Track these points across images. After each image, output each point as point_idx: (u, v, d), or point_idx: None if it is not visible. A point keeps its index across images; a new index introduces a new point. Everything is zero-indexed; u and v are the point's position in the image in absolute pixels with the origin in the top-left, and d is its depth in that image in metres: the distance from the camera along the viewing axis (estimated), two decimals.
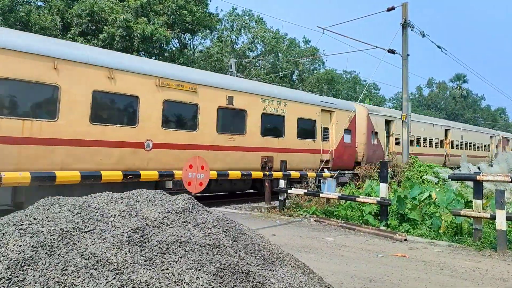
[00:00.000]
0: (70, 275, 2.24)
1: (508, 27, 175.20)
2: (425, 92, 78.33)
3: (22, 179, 5.66)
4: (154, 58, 25.65)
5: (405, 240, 7.29)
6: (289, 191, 10.25)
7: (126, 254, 2.46)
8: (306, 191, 10.36)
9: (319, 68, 46.90)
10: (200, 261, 2.62)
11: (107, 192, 3.24)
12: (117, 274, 2.30)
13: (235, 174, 9.18)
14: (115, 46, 22.75)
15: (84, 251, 2.41)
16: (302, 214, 9.66)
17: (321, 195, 9.78)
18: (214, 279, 2.52)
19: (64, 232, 2.54)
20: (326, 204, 10.15)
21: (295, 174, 10.77)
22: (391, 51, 16.80)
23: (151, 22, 25.11)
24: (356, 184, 13.29)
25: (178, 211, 3.14)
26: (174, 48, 30.97)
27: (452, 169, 16.77)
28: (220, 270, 2.60)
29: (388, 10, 16.57)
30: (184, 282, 2.42)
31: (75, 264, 2.30)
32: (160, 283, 2.34)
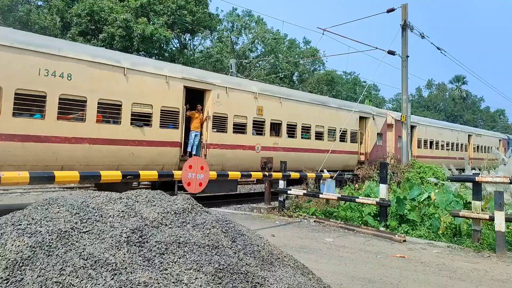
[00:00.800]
0: (68, 275, 2.23)
1: (507, 29, 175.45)
2: (424, 93, 78.38)
3: (21, 179, 5.64)
4: (154, 58, 25.63)
5: (404, 241, 7.28)
6: (288, 192, 10.24)
7: (124, 254, 2.46)
8: (305, 191, 10.35)
9: (319, 69, 46.94)
10: (199, 261, 2.61)
11: (105, 192, 3.23)
12: (115, 274, 2.29)
13: (235, 174, 9.16)
14: (114, 46, 22.73)
15: (83, 252, 2.40)
16: (301, 215, 9.66)
17: (320, 195, 9.77)
18: (213, 280, 2.51)
19: (62, 232, 2.53)
20: (326, 204, 10.14)
21: (294, 175, 10.77)
22: (391, 52, 16.81)
23: (151, 22, 25.10)
24: (355, 185, 13.29)
25: (177, 212, 3.13)
26: (174, 48, 30.98)
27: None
28: (219, 270, 2.60)
29: (388, 11, 16.58)
30: (182, 283, 2.41)
31: (73, 264, 2.29)
32: (158, 283, 2.33)
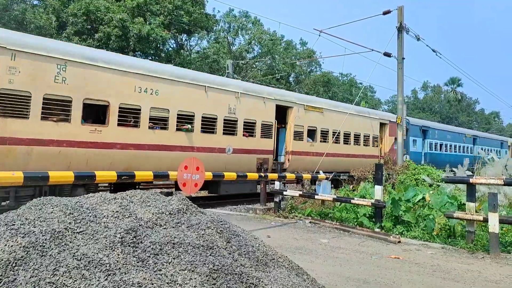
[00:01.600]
0: (62, 275, 2.22)
1: (503, 32, 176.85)
2: (420, 95, 78.76)
3: (15, 179, 5.61)
4: (150, 58, 25.56)
5: (399, 242, 7.31)
6: (284, 193, 10.26)
7: (118, 255, 2.45)
8: (301, 192, 10.37)
9: (315, 70, 47.04)
10: (194, 262, 2.61)
11: (100, 192, 3.22)
12: (109, 275, 2.29)
13: (231, 175, 9.16)
14: (110, 46, 22.66)
15: (76, 252, 2.40)
16: (297, 216, 9.66)
17: (316, 196, 9.79)
18: (208, 281, 2.51)
19: (56, 233, 2.52)
20: (321, 206, 10.16)
21: (290, 176, 10.79)
22: (387, 54, 16.88)
23: (147, 22, 25.04)
24: (350, 187, 13.33)
25: (172, 212, 3.13)
26: (170, 48, 30.93)
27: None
28: (213, 271, 2.60)
29: (384, 13, 16.65)
30: (177, 284, 2.41)
31: (66, 264, 2.29)
32: (152, 284, 2.33)
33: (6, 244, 2.33)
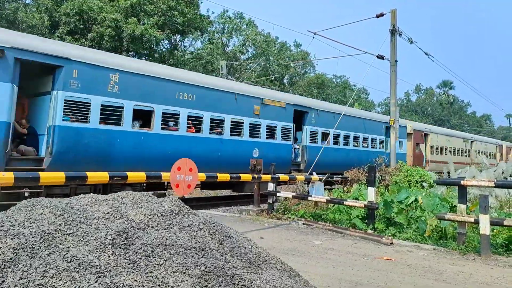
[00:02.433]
0: (51, 278, 2.19)
1: (494, 35, 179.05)
2: (413, 97, 79.44)
3: (5, 179, 5.53)
4: (144, 59, 25.44)
5: (391, 243, 7.35)
6: (277, 194, 10.25)
7: (109, 257, 2.43)
8: (294, 194, 10.37)
9: (309, 72, 47.17)
10: (185, 264, 2.59)
11: (91, 193, 3.19)
12: (99, 277, 2.26)
13: (224, 176, 9.13)
14: (104, 46, 22.51)
15: (66, 254, 2.37)
16: (290, 217, 9.67)
17: (309, 198, 9.80)
18: (199, 283, 2.50)
19: (46, 234, 2.49)
20: (315, 207, 10.18)
21: (283, 177, 10.80)
22: (380, 57, 16.99)
23: (141, 23, 24.93)
24: (344, 188, 13.37)
25: (164, 214, 3.11)
26: (164, 49, 30.82)
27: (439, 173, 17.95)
28: (205, 273, 2.58)
29: (378, 16, 16.77)
30: (168, 286, 2.39)
31: (56, 266, 2.26)
32: (143, 286, 2.31)
33: None
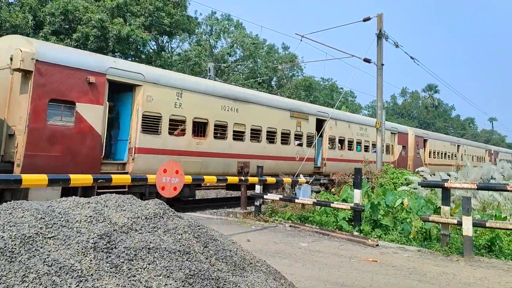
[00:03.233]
0: (31, 282, 2.14)
1: (479, 40, 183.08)
2: (399, 101, 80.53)
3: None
4: (130, 59, 25.17)
5: (377, 245, 7.42)
6: (265, 196, 10.25)
7: (91, 261, 2.38)
8: (281, 196, 10.39)
9: (297, 74, 47.38)
10: (169, 267, 2.57)
11: (73, 196, 3.13)
12: (81, 281, 2.22)
13: (211, 178, 9.10)
14: (89, 46, 22.21)
15: (47, 258, 2.32)
16: (277, 220, 9.67)
17: (296, 200, 9.83)
18: (183, 286, 2.47)
19: (26, 238, 2.43)
20: (302, 209, 10.21)
21: (270, 180, 10.80)
22: (367, 60, 17.19)
23: (127, 23, 24.68)
24: (332, 190, 13.45)
25: (148, 217, 3.07)
26: (151, 50, 30.57)
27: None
28: (189, 276, 2.56)
29: (364, 20, 16.97)
30: None
31: (36, 271, 2.21)
32: None
33: None
